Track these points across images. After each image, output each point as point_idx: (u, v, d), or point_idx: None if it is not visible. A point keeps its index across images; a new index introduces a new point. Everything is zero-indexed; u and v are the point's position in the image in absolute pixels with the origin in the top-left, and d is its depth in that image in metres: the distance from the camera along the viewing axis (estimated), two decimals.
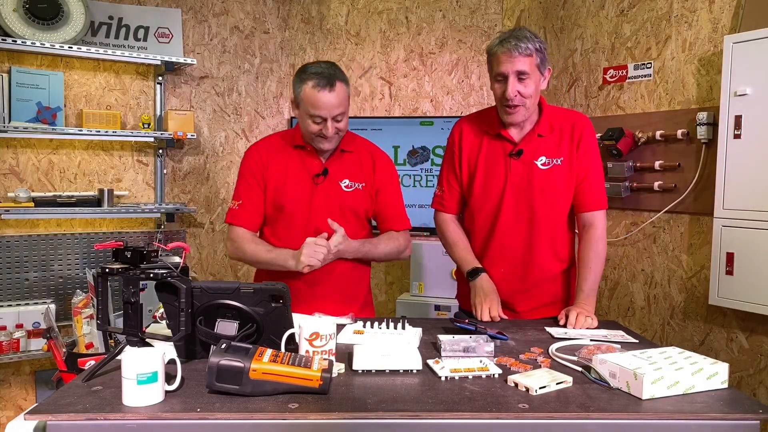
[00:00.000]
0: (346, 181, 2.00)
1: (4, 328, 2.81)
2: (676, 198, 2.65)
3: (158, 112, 3.24)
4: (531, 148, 1.90)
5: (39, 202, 2.84)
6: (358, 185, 2.01)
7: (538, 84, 1.83)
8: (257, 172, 1.99)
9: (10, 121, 2.80)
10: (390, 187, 2.07)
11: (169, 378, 1.22)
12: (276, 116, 3.66)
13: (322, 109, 1.85)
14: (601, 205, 1.92)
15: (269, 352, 1.25)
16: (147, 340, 1.41)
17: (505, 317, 1.89)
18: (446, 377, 1.31)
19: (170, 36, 3.25)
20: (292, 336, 1.41)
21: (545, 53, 1.83)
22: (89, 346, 2.51)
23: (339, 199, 1.99)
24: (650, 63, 2.79)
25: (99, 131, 2.94)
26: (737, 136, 2.33)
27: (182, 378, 1.24)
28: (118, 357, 1.23)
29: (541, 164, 1.89)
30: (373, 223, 2.15)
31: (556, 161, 1.89)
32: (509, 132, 1.92)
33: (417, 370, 1.35)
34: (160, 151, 3.24)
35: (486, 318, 1.87)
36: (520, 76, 1.79)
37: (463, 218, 2.08)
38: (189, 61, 3.17)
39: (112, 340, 2.46)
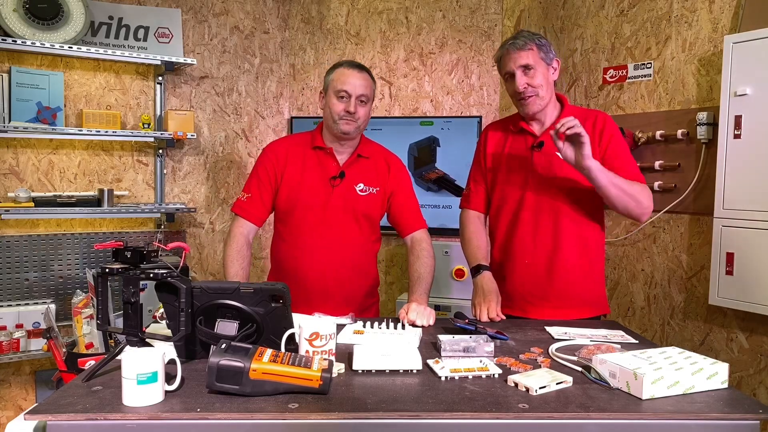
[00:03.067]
0: (361, 185, 2.05)
1: (4, 328, 2.81)
2: (676, 198, 2.65)
3: (158, 112, 3.24)
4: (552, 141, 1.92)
5: (39, 202, 2.84)
6: (373, 189, 2.07)
7: (546, 74, 1.90)
8: (271, 170, 2.04)
9: (10, 121, 2.80)
10: (404, 189, 2.13)
11: (169, 378, 1.22)
12: (276, 116, 3.66)
13: (349, 84, 1.98)
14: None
15: (269, 352, 1.25)
16: (147, 340, 1.41)
17: (503, 317, 1.89)
18: (446, 377, 1.31)
19: (170, 36, 3.25)
20: (292, 336, 1.41)
21: (548, 47, 1.91)
22: (89, 346, 2.51)
23: (353, 202, 2.03)
24: (650, 63, 2.79)
25: (99, 131, 2.94)
26: (737, 136, 2.33)
27: (182, 378, 1.24)
28: (118, 357, 1.23)
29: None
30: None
31: None
32: (531, 126, 1.98)
33: (417, 370, 1.35)
34: (160, 151, 3.24)
35: (485, 318, 1.87)
36: (526, 69, 1.88)
37: (489, 215, 2.10)
38: (189, 61, 3.17)
39: (112, 340, 2.46)
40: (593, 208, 1.95)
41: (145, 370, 1.14)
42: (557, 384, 1.25)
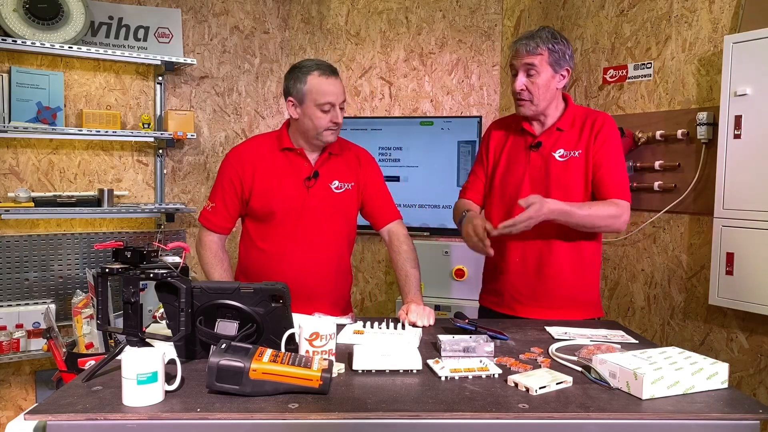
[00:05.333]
0: (336, 182, 2.01)
1: (4, 328, 2.81)
2: (676, 198, 2.65)
3: (158, 112, 3.24)
4: (550, 141, 1.93)
5: (39, 202, 2.84)
6: (348, 185, 2.03)
7: (549, 81, 1.88)
8: (236, 179, 1.96)
9: (10, 121, 2.80)
10: (376, 181, 2.09)
11: (169, 378, 1.22)
12: (276, 116, 3.66)
13: (331, 95, 1.88)
14: (621, 195, 1.87)
15: (269, 352, 1.25)
16: (147, 340, 1.41)
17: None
18: (446, 377, 1.31)
19: (170, 36, 3.25)
20: (292, 336, 1.41)
21: (562, 54, 1.87)
22: (89, 346, 2.51)
23: (330, 201, 1.99)
24: (650, 63, 2.79)
25: (99, 131, 2.94)
26: (737, 136, 2.33)
27: (182, 378, 1.24)
28: (118, 357, 1.23)
29: (559, 156, 1.91)
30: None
31: (574, 153, 1.91)
32: (532, 126, 1.97)
33: (417, 370, 1.35)
34: (160, 151, 3.24)
35: (480, 232, 1.80)
36: (529, 71, 1.86)
37: (485, 211, 2.09)
38: (189, 61, 3.17)
39: (112, 340, 2.46)
40: None
41: (145, 370, 1.14)
42: (557, 384, 1.25)
